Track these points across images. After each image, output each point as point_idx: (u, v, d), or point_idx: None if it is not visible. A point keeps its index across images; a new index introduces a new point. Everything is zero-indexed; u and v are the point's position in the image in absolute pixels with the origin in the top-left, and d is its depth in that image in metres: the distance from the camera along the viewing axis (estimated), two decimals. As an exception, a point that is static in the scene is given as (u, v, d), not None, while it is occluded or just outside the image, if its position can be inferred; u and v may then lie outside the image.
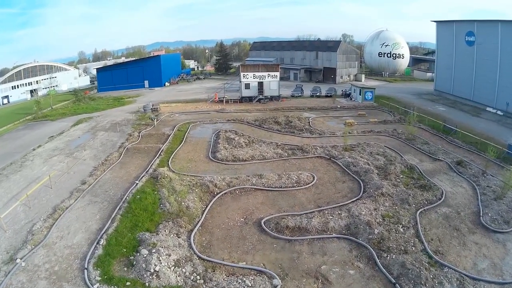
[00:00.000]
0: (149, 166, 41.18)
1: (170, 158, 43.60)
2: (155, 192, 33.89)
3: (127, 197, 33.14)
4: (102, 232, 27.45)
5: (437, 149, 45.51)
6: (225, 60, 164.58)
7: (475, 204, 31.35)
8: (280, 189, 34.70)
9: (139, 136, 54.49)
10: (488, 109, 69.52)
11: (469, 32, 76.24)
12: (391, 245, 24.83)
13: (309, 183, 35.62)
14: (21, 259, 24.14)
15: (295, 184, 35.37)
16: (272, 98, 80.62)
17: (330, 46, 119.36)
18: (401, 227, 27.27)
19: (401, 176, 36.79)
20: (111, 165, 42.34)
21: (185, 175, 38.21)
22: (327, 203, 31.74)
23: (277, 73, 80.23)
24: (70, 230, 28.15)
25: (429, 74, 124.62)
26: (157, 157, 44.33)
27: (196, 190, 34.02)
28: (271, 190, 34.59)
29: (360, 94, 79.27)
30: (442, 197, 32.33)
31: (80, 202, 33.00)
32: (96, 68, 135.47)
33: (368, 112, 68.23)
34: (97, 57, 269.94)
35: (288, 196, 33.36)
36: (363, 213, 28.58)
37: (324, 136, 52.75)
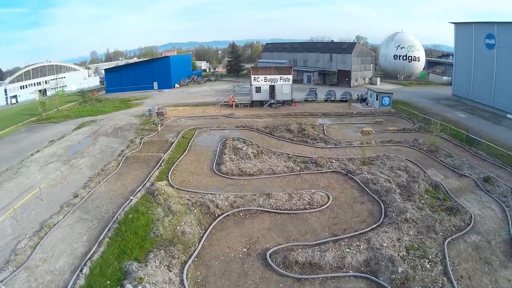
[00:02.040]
0: (147, 179, 37.89)
1: (171, 170, 40.07)
2: (149, 212, 30.42)
3: (119, 216, 29.98)
4: (87, 258, 24.58)
5: (461, 163, 41.55)
6: (237, 61, 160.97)
7: (506, 230, 27.75)
8: (290, 211, 30.48)
9: (140, 143, 51.29)
10: (508, 116, 65.94)
11: (489, 35, 72.56)
12: (416, 286, 21.02)
13: (323, 205, 31.45)
14: (1, 282, 22.03)
15: (307, 206, 31.17)
16: (284, 103, 76.72)
17: (345, 48, 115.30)
18: (428, 263, 23.35)
19: (426, 196, 32.76)
20: (107, 176, 39.50)
21: (184, 190, 34.80)
22: (343, 230, 27.70)
23: (290, 76, 76.07)
24: (54, 252, 25.58)
25: (445, 78, 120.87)
26: (157, 168, 40.94)
27: (195, 211, 30.20)
28: (280, 212, 30.45)
29: (377, 99, 75.04)
30: (471, 222, 28.56)
31: (69, 218, 30.37)
32: (104, 69, 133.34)
33: (386, 119, 64.18)
34: (109, 57, 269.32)
35: (299, 221, 29.28)
36: (385, 244, 24.65)
37: (340, 146, 48.71)
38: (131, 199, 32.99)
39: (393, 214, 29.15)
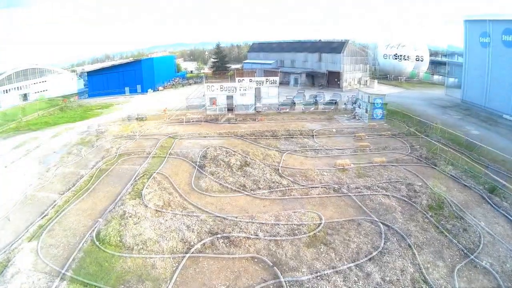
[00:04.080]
0: (119, 197, 34.20)
1: (145, 186, 36.09)
2: (118, 238, 26.80)
3: (85, 244, 26.63)
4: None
5: (463, 171, 38.60)
6: (223, 62, 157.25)
7: (518, 250, 24.86)
8: (277, 237, 26.79)
9: (116, 153, 47.38)
10: (505, 116, 63.36)
11: (484, 33, 70.00)
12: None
13: (315, 228, 27.79)
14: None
15: (296, 231, 27.49)
16: (270, 107, 72.30)
17: (335, 47, 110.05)
18: (438, 299, 20.26)
19: (430, 213, 29.59)
20: (77, 193, 35.96)
21: (158, 211, 31.10)
22: (339, 259, 24.21)
23: (276, 78, 72.29)
24: (16, 288, 22.37)
25: (436, 77, 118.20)
26: (131, 184, 37.21)
27: (168, 238, 26.56)
28: (266, 239, 26.70)
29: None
30: (480, 243, 25.73)
31: (34, 244, 27.24)
32: (87, 72, 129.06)
33: (379, 123, 60.66)
34: (95, 60, 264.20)
35: (288, 248, 25.58)
36: (388, 278, 21.35)
37: (331, 155, 44.99)
38: (100, 222, 29.50)
39: (395, 239, 25.87)
